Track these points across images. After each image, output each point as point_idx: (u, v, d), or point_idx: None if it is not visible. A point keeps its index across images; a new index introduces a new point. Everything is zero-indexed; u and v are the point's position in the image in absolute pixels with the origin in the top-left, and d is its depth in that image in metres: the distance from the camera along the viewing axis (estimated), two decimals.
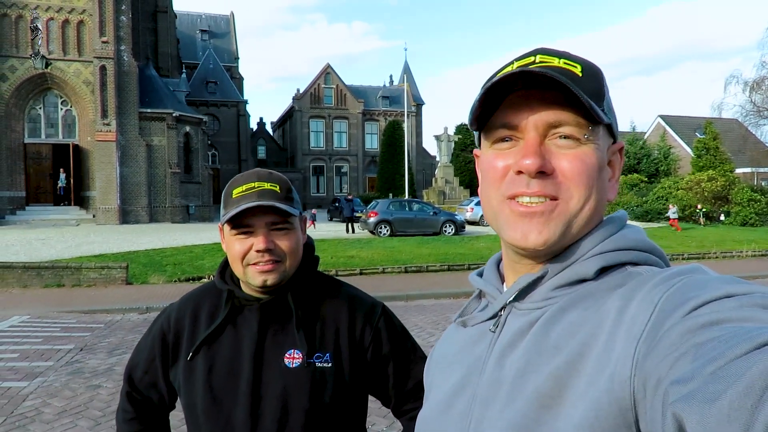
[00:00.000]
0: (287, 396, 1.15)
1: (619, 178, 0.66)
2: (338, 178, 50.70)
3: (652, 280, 0.54)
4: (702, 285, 0.49)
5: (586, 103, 0.57)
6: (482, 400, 0.62)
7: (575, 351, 0.54)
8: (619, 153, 0.67)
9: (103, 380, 5.24)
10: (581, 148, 0.61)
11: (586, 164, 0.61)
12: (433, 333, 6.96)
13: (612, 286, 0.58)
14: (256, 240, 1.14)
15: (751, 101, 27.07)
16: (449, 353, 0.74)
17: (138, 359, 1.34)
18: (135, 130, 27.55)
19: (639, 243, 0.62)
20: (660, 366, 0.44)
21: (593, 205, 0.62)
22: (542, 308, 0.61)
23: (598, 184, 0.62)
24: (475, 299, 0.76)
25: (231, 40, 51.71)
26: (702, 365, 0.39)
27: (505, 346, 0.62)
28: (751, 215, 23.69)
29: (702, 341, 0.42)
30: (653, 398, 0.44)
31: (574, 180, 0.61)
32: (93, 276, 10.45)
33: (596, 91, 0.61)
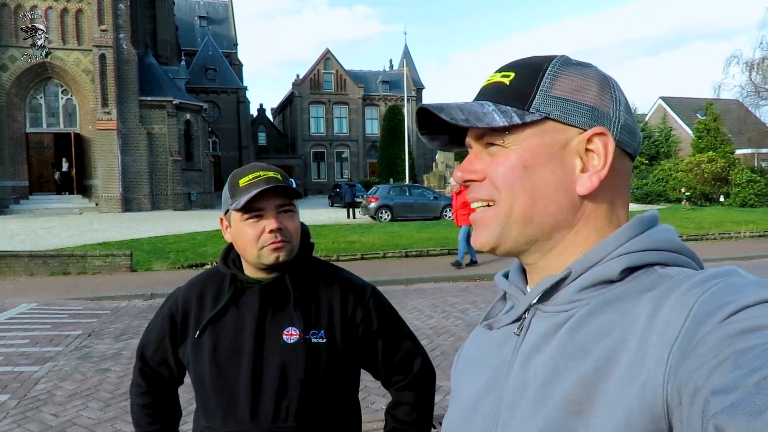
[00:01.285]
0: (286, 369, 1.28)
1: (599, 168, 0.61)
2: (339, 163, 50.73)
3: (685, 284, 0.52)
4: (739, 289, 0.47)
5: (451, 120, 0.60)
6: (509, 404, 0.61)
7: (604, 356, 0.53)
8: (598, 139, 0.61)
9: (111, 364, 5.41)
10: (503, 152, 0.63)
11: (504, 166, 0.62)
12: (432, 316, 7.11)
13: (642, 289, 0.56)
14: (268, 222, 1.27)
15: (751, 81, 26.97)
16: (475, 356, 0.74)
17: (149, 338, 1.47)
18: (135, 118, 27.61)
19: (668, 243, 0.60)
20: (697, 374, 0.42)
21: (525, 203, 0.62)
22: (568, 311, 0.60)
23: (525, 183, 0.62)
24: (501, 300, 0.74)
25: (230, 26, 51.39)
26: (745, 375, 0.38)
27: (530, 350, 0.62)
28: (750, 196, 23.73)
29: (742, 349, 0.41)
30: (690, 407, 0.42)
31: (497, 182, 0.63)
32: (98, 264, 10.62)
33: (522, 93, 0.62)
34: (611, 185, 0.62)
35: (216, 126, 44.16)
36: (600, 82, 0.63)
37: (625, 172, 0.64)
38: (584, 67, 0.64)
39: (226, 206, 1.33)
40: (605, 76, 0.64)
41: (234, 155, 45.23)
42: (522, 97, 0.62)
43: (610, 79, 0.64)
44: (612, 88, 0.63)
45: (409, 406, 1.39)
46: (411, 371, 1.40)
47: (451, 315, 7.17)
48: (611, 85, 0.64)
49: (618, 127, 0.62)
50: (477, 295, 8.41)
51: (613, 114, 0.62)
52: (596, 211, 0.63)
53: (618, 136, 0.62)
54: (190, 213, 25.97)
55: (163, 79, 29.92)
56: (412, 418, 1.38)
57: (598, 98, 0.62)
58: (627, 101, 0.65)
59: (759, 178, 24.45)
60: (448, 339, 6.04)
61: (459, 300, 8.08)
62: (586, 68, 0.64)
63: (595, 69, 0.65)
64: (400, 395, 1.41)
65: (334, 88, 50.37)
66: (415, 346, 1.43)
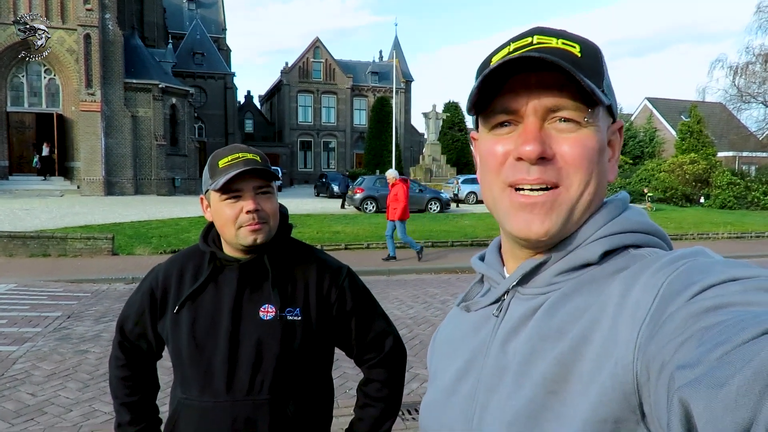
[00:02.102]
0: (261, 344, 1.33)
1: (619, 158, 0.64)
2: (326, 153, 50.55)
3: (655, 264, 0.54)
4: (706, 269, 0.49)
5: (587, 87, 0.55)
6: (487, 385, 0.62)
7: (579, 335, 0.54)
8: (619, 132, 0.65)
9: (90, 345, 5.40)
10: (582, 132, 0.59)
11: (586, 148, 0.59)
12: (412, 306, 7.19)
13: (615, 270, 0.57)
14: (246, 203, 1.31)
15: (735, 86, 27.38)
16: (453, 338, 0.74)
17: (129, 312, 1.50)
18: (120, 100, 27.22)
19: (641, 225, 0.61)
20: (664, 350, 0.44)
21: (593, 190, 0.61)
22: (546, 293, 0.61)
23: (598, 168, 0.61)
24: (478, 283, 0.75)
25: (218, 11, 50.74)
26: (708, 350, 0.39)
27: (508, 332, 0.63)
28: (730, 198, 24.17)
29: (707, 325, 0.42)
30: (657, 383, 0.44)
31: (575, 165, 0.59)
32: (79, 246, 10.52)
33: (596, 71, 0.60)
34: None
35: (202, 111, 43.68)
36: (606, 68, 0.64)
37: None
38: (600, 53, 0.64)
39: (206, 186, 1.37)
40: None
41: (220, 141, 44.80)
42: (598, 76, 0.60)
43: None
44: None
45: (380, 383, 1.44)
46: (382, 350, 1.45)
47: (432, 306, 7.25)
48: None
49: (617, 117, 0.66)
50: (458, 287, 8.51)
51: (616, 106, 0.66)
52: (598, 199, 0.65)
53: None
54: (174, 198, 25.76)
55: (149, 61, 29.51)
56: (382, 394, 1.44)
57: (613, 91, 0.65)
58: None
59: (739, 181, 24.89)
60: (427, 329, 6.13)
61: (440, 291, 8.17)
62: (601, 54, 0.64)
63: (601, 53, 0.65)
64: (371, 372, 1.46)
65: (322, 77, 50.08)
66: (387, 326, 1.49)
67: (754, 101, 27.42)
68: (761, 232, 15.53)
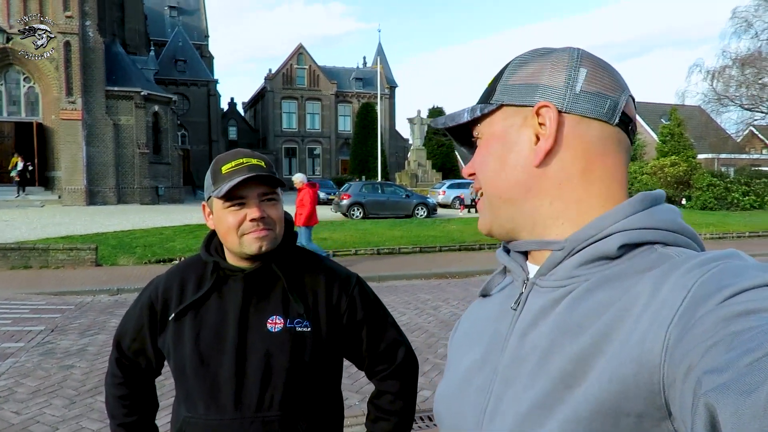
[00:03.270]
0: (270, 357, 1.26)
1: (549, 136, 0.63)
2: (311, 160, 50.42)
3: (685, 265, 0.52)
4: (739, 272, 0.48)
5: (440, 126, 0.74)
6: (503, 377, 0.62)
7: (601, 331, 0.53)
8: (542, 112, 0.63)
9: (75, 360, 5.25)
10: (481, 143, 0.70)
11: (482, 154, 0.69)
12: (404, 312, 7.14)
13: (642, 268, 0.56)
14: (250, 210, 1.24)
15: (713, 89, 27.89)
16: (471, 329, 0.75)
17: (127, 327, 1.43)
18: (102, 108, 26.85)
19: (669, 223, 0.60)
20: (692, 353, 0.43)
21: (504, 184, 0.67)
22: (566, 286, 0.61)
23: (495, 162, 0.67)
24: (500, 274, 0.76)
25: (201, 18, 50.47)
26: (738, 356, 0.38)
27: (527, 324, 0.62)
28: (710, 199, 24.55)
29: (738, 330, 0.41)
30: (683, 385, 0.43)
31: (477, 171, 0.70)
32: (61, 258, 10.30)
33: (489, 90, 0.70)
34: (579, 153, 0.63)
35: (185, 119, 43.32)
36: (556, 60, 0.65)
37: (599, 138, 0.63)
38: (550, 52, 0.66)
39: (208, 193, 1.30)
40: (569, 54, 0.65)
41: (204, 149, 44.47)
42: (489, 93, 0.69)
43: (573, 55, 0.65)
44: (571, 62, 0.64)
45: (393, 395, 1.39)
46: (395, 361, 1.40)
47: (424, 312, 7.21)
48: (570, 59, 0.64)
49: (569, 96, 0.63)
50: (449, 292, 8.47)
51: (566, 86, 0.63)
52: (568, 182, 0.63)
53: (569, 105, 0.62)
54: (158, 207, 25.44)
55: (131, 69, 29.18)
56: (395, 407, 1.38)
57: (549, 76, 0.64)
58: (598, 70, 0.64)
59: (719, 182, 25.31)
60: (421, 336, 6.07)
61: (431, 297, 8.13)
62: (552, 52, 0.66)
63: (562, 50, 0.66)
64: (383, 384, 1.40)
65: (306, 84, 50.00)
66: (399, 336, 1.43)
67: (731, 104, 28.02)
68: (742, 233, 15.79)
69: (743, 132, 31.70)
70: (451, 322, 6.63)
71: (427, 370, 4.83)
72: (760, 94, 27.06)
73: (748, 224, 17.54)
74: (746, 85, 27.04)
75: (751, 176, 26.84)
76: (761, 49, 26.82)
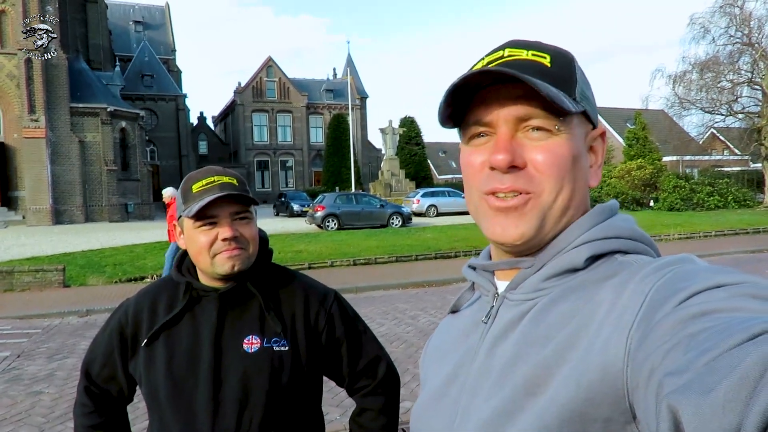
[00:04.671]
0: (248, 379, 1.23)
1: (602, 164, 0.66)
2: (284, 172, 50.10)
3: (642, 271, 0.54)
4: (692, 275, 0.49)
5: (547, 96, 0.56)
6: (471, 388, 0.63)
7: (565, 341, 0.54)
8: (601, 138, 0.67)
9: (44, 386, 5.06)
10: (552, 139, 0.61)
11: (557, 155, 0.61)
12: (383, 323, 7.10)
13: (603, 276, 0.58)
14: (222, 230, 1.21)
15: (675, 93, 28.74)
16: (443, 345, 0.75)
17: (96, 354, 1.37)
18: (66, 126, 26.25)
19: (628, 231, 0.62)
20: (652, 356, 0.44)
21: (568, 195, 0.62)
22: (533, 299, 0.62)
23: (572, 174, 0.62)
24: (469, 290, 0.76)
25: (167, 32, 49.88)
26: (696, 356, 0.39)
27: (496, 337, 0.63)
28: (677, 201, 25.21)
29: (694, 332, 0.42)
30: (646, 389, 0.44)
31: (546, 172, 0.60)
32: (27, 279, 9.96)
33: (566, 79, 0.62)
34: None
35: (154, 134, 42.62)
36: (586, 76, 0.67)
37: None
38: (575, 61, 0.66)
39: (179, 212, 1.27)
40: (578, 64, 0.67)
41: (174, 164, 43.78)
42: (568, 84, 0.62)
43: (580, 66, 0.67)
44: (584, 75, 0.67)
45: (375, 411, 1.36)
46: (376, 377, 1.37)
47: (402, 322, 7.18)
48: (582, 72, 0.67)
49: (595, 115, 0.67)
50: (426, 301, 8.47)
51: (594, 104, 0.67)
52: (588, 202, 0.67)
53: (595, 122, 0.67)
54: (128, 224, 24.89)
55: (96, 85, 28.63)
56: (378, 424, 1.36)
57: (593, 95, 0.67)
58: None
59: (684, 184, 26.01)
60: (400, 346, 6.04)
61: (409, 306, 8.11)
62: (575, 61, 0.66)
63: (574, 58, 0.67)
64: (365, 401, 1.38)
65: (277, 96, 49.76)
66: (380, 351, 1.41)
67: (693, 108, 28.86)
68: (708, 232, 16.24)
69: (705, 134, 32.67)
70: (429, 331, 6.62)
71: (407, 381, 4.80)
72: (719, 98, 27.97)
73: (714, 224, 18.06)
74: (706, 89, 27.92)
75: (714, 177, 27.69)
76: (718, 53, 27.77)
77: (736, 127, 30.78)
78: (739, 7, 26.74)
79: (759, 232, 16.58)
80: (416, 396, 4.52)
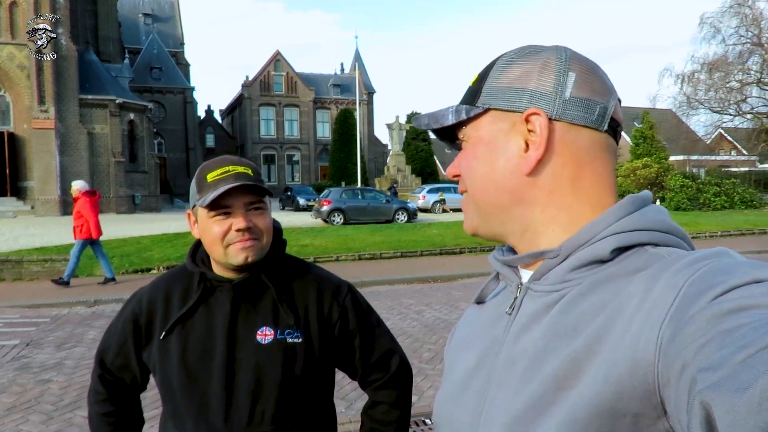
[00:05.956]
0: (260, 370, 1.24)
1: (540, 144, 0.62)
2: (290, 166, 50.18)
3: (676, 264, 0.52)
4: (728, 270, 0.48)
5: (424, 128, 0.73)
6: (497, 380, 0.63)
7: (594, 334, 0.53)
8: (533, 119, 0.63)
9: (53, 374, 5.12)
10: (465, 146, 0.69)
11: (468, 158, 0.68)
12: (388, 318, 7.12)
13: (633, 269, 0.56)
14: (236, 220, 1.21)
15: (683, 93, 28.55)
16: (467, 335, 0.75)
17: (109, 342, 1.39)
18: (75, 117, 26.37)
19: (659, 223, 0.60)
20: (685, 352, 0.43)
21: (490, 187, 0.66)
22: (559, 291, 0.61)
23: (483, 167, 0.67)
24: (493, 280, 0.76)
25: (176, 25, 49.94)
26: (731, 353, 0.38)
27: (521, 328, 0.63)
28: (684, 200, 25.08)
29: (730, 327, 0.41)
30: (678, 384, 0.43)
31: (464, 173, 0.70)
32: (35, 269, 10.04)
33: (474, 91, 0.68)
34: (568, 160, 0.63)
35: (162, 127, 42.76)
36: (544, 63, 0.64)
37: (588, 145, 0.63)
38: (538, 53, 0.65)
39: (193, 201, 1.27)
40: (557, 55, 0.64)
41: (181, 157, 43.93)
42: (474, 95, 0.68)
43: (561, 57, 0.64)
44: (559, 65, 0.63)
45: (388, 405, 1.37)
46: (389, 370, 1.38)
47: (408, 316, 7.20)
48: (558, 62, 0.63)
49: (559, 103, 0.62)
50: (432, 296, 8.49)
51: (555, 91, 0.62)
52: (559, 189, 0.63)
53: (559, 112, 0.62)
54: (135, 216, 25.02)
55: (105, 77, 28.74)
56: (390, 417, 1.37)
57: (538, 80, 0.63)
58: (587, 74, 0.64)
59: (691, 184, 25.87)
60: (405, 340, 6.06)
61: (414, 302, 8.13)
62: (539, 53, 0.65)
63: (550, 51, 0.65)
64: (377, 394, 1.39)
65: (284, 90, 49.78)
66: (393, 344, 1.42)
67: (701, 107, 28.66)
68: (714, 232, 16.13)
69: (712, 134, 32.46)
70: (435, 327, 6.64)
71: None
72: (727, 97, 27.78)
73: (720, 224, 17.94)
74: (715, 89, 27.74)
75: (721, 177, 27.50)
76: (728, 53, 27.55)
77: (744, 127, 30.56)
78: (749, 7, 26.49)
79: (765, 233, 16.46)
80: (422, 391, 4.55)
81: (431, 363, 5.31)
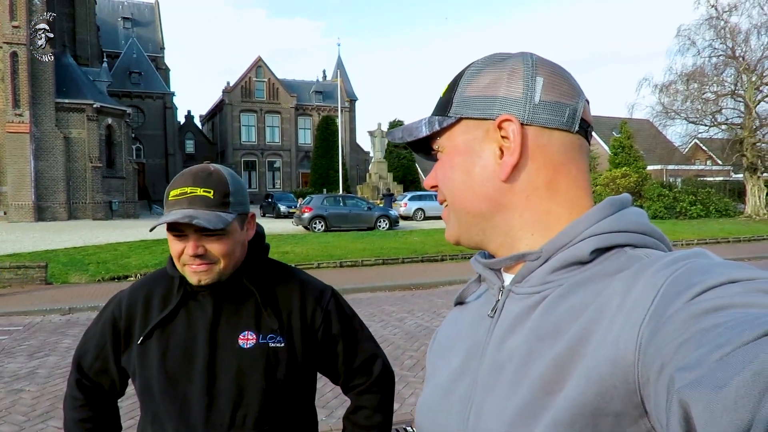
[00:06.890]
0: (242, 375, 1.22)
1: (514, 150, 0.63)
2: (271, 173, 49.91)
3: (654, 265, 0.53)
4: (706, 270, 0.49)
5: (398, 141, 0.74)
6: (483, 385, 0.62)
7: (577, 335, 0.54)
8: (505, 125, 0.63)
9: (25, 384, 4.98)
10: (442, 157, 0.70)
11: (445, 168, 0.69)
12: (369, 325, 7.06)
13: (613, 270, 0.57)
14: (188, 245, 1.17)
15: (660, 103, 29.12)
16: (449, 338, 0.75)
17: (88, 346, 1.35)
18: (51, 121, 25.93)
19: (638, 225, 0.61)
20: (663, 351, 0.44)
21: (468, 195, 0.67)
22: (540, 292, 0.61)
23: (461, 177, 0.67)
24: (475, 282, 0.76)
25: (156, 29, 49.49)
26: (708, 352, 0.39)
27: (504, 331, 0.63)
28: (661, 209, 25.53)
29: (707, 327, 0.42)
30: (657, 383, 0.44)
31: (441, 184, 0.70)
32: (8, 276, 9.80)
33: (445, 101, 0.69)
34: (544, 164, 0.63)
35: (141, 132, 42.25)
36: (512, 70, 0.65)
37: (562, 148, 0.64)
38: (504, 60, 0.66)
39: None
40: (523, 62, 0.65)
41: (160, 162, 43.43)
42: (445, 105, 0.68)
43: (528, 63, 0.65)
44: (527, 71, 0.64)
45: (371, 409, 1.36)
46: (371, 375, 1.37)
47: (389, 324, 7.18)
48: (525, 69, 0.64)
49: (529, 108, 0.63)
50: (413, 304, 8.48)
51: (525, 97, 0.63)
52: (535, 194, 0.64)
53: (530, 117, 0.63)
54: (112, 223, 24.61)
55: (82, 81, 28.32)
56: (373, 422, 1.35)
57: (507, 87, 0.64)
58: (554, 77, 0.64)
59: (668, 193, 26.37)
60: (387, 347, 6.04)
61: (396, 309, 8.12)
62: (506, 60, 0.66)
63: (516, 58, 0.66)
64: (360, 399, 1.38)
65: (266, 97, 49.59)
66: (376, 349, 1.41)
67: (677, 117, 29.24)
68: (690, 240, 16.46)
69: (689, 144, 33.15)
70: (416, 334, 6.63)
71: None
72: (703, 108, 28.40)
73: (696, 232, 18.33)
74: (691, 100, 28.33)
75: (697, 186, 28.10)
76: (704, 65, 28.21)
77: (719, 137, 31.23)
78: (724, 21, 27.20)
79: (740, 241, 16.87)
80: (404, 398, 4.53)
81: (413, 370, 5.29)
